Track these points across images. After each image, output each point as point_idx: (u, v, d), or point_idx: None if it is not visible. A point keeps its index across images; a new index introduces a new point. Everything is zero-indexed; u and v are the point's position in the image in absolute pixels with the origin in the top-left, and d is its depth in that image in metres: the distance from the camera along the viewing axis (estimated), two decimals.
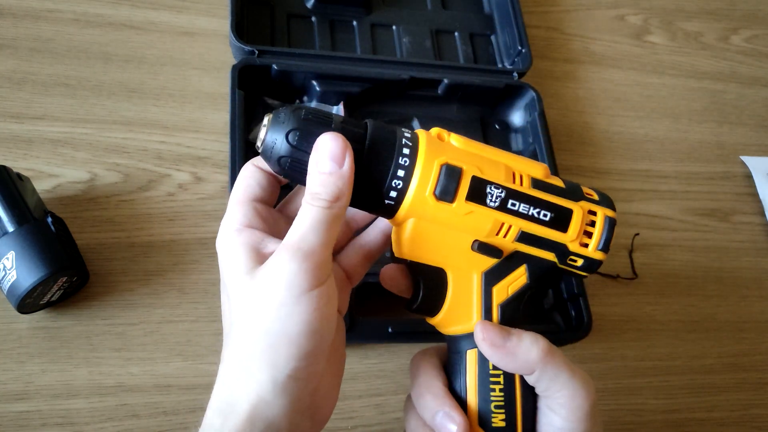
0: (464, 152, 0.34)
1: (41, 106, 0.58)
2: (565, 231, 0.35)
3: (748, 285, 0.68)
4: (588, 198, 0.36)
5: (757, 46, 0.86)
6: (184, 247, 0.55)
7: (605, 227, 0.36)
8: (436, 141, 0.34)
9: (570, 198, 0.35)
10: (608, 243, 0.36)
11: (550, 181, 0.36)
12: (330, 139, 0.31)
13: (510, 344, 0.34)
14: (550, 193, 0.35)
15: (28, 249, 0.47)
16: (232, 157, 0.56)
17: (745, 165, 0.76)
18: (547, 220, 0.35)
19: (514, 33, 0.71)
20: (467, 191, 0.33)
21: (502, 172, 0.34)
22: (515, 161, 0.35)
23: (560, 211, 0.35)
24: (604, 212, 0.36)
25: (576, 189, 0.36)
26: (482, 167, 0.34)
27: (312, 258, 0.30)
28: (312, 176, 0.31)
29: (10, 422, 0.46)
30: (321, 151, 0.31)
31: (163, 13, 0.66)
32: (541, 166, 0.36)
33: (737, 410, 0.61)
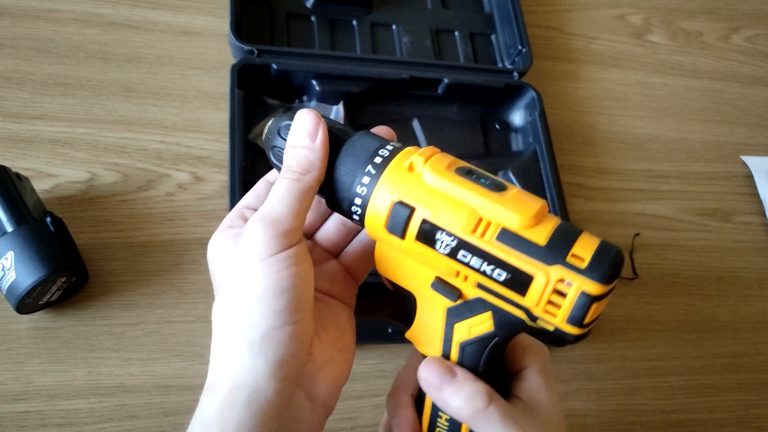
0: (429, 189, 0.31)
1: (40, 105, 0.58)
2: (523, 295, 0.30)
3: (749, 285, 0.68)
4: (569, 263, 0.29)
5: (758, 45, 0.86)
6: (183, 247, 0.55)
7: (578, 303, 0.29)
8: (402, 172, 0.32)
9: (541, 260, 0.30)
10: (581, 319, 0.30)
11: (529, 233, 0.30)
12: (304, 114, 0.33)
13: (445, 392, 0.33)
14: (515, 250, 0.30)
15: (27, 249, 0.47)
16: (232, 157, 0.56)
17: (746, 165, 0.75)
18: (501, 280, 0.30)
19: (514, 32, 0.70)
20: (416, 232, 0.31)
21: (464, 217, 0.30)
22: (493, 205, 0.30)
23: (518, 274, 0.30)
24: (582, 285, 0.29)
25: (559, 248, 0.30)
26: (440, 210, 0.31)
27: (277, 225, 0.30)
28: (287, 151, 0.33)
29: (9, 422, 0.46)
30: (296, 126, 0.33)
31: (163, 12, 0.66)
32: (527, 213, 0.30)
33: (737, 411, 0.61)
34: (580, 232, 0.31)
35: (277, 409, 0.30)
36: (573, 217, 0.65)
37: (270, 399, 0.29)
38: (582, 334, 0.31)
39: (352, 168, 0.33)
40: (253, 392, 0.29)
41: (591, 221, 0.67)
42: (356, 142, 0.33)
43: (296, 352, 0.31)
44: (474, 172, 0.32)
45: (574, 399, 0.58)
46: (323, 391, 0.33)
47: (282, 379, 0.30)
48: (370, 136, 0.34)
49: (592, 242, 0.31)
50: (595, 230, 0.68)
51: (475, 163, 0.34)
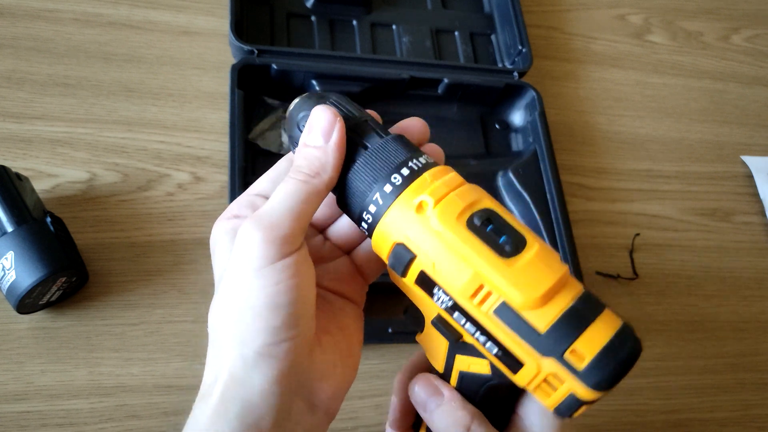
0: (433, 236, 0.28)
1: (40, 105, 0.58)
2: (514, 373, 0.28)
3: (749, 285, 0.68)
4: (566, 361, 0.27)
5: (758, 45, 0.86)
6: (183, 247, 0.55)
7: (565, 401, 0.27)
8: (409, 210, 0.29)
9: (537, 348, 0.27)
10: (568, 415, 0.28)
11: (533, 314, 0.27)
12: (319, 112, 0.30)
13: (429, 412, 0.33)
14: (511, 330, 0.27)
15: (27, 249, 0.47)
16: (232, 157, 0.56)
17: (746, 165, 0.75)
18: (493, 353, 0.28)
19: (514, 32, 0.70)
20: (416, 278, 0.29)
21: (465, 280, 0.28)
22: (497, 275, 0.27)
23: (508, 354, 0.28)
24: (572, 387, 0.27)
25: (560, 339, 0.27)
26: (441, 264, 0.28)
27: (275, 230, 0.28)
28: (298, 149, 0.31)
29: (10, 423, 0.46)
30: (310, 123, 0.30)
31: (163, 12, 0.66)
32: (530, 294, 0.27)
33: (738, 410, 0.61)
34: (592, 319, 0.27)
35: (274, 421, 0.28)
36: (573, 217, 0.64)
37: (265, 414, 0.28)
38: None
39: (370, 179, 0.30)
40: (246, 406, 0.28)
41: (591, 221, 0.67)
42: (383, 149, 0.30)
43: (294, 365, 0.29)
44: (493, 221, 0.28)
45: None
46: (325, 398, 0.31)
47: (278, 394, 0.28)
48: (398, 145, 0.30)
49: (603, 334, 0.27)
50: (595, 230, 0.69)
51: (475, 163, 0.32)
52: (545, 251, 0.28)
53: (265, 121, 0.61)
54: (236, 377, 0.28)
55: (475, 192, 0.30)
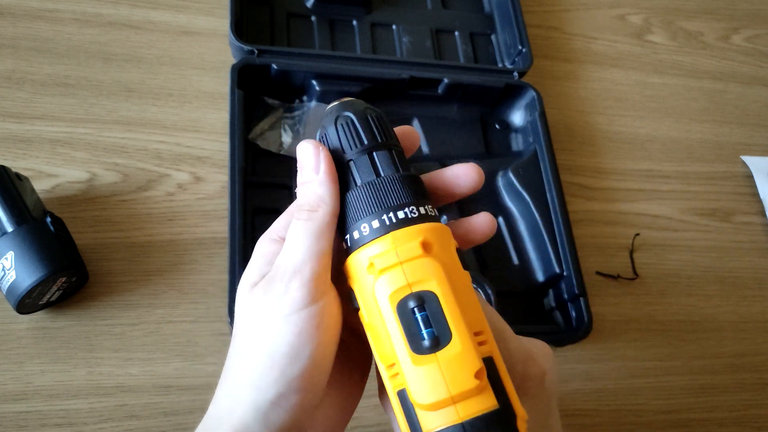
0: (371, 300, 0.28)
1: (40, 105, 0.58)
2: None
3: (749, 285, 0.68)
4: None
5: (758, 45, 0.86)
6: (183, 247, 0.55)
7: None
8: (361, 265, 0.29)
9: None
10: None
11: (424, 414, 0.27)
12: (302, 147, 0.30)
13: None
14: (404, 418, 0.28)
15: (27, 249, 0.47)
16: (232, 157, 0.56)
17: (746, 165, 0.75)
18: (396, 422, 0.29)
19: (514, 32, 0.70)
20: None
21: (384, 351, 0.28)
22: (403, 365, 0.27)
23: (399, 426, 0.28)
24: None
25: None
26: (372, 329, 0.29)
27: (299, 276, 0.28)
28: (297, 190, 0.31)
29: (9, 423, 0.46)
30: (299, 161, 0.31)
31: (163, 12, 0.66)
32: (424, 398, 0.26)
33: (738, 411, 0.61)
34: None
35: None
36: (573, 217, 0.64)
37: None
38: None
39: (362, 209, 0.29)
40: None
41: (591, 221, 0.67)
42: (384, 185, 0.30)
43: (302, 419, 0.29)
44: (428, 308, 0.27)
45: (574, 399, 0.58)
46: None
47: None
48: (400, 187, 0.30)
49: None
50: (595, 230, 0.69)
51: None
52: (464, 357, 0.26)
53: (265, 121, 0.61)
54: (246, 424, 0.28)
55: (428, 269, 0.28)
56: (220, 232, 0.56)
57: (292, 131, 0.62)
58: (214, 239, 0.56)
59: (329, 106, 0.32)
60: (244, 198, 0.55)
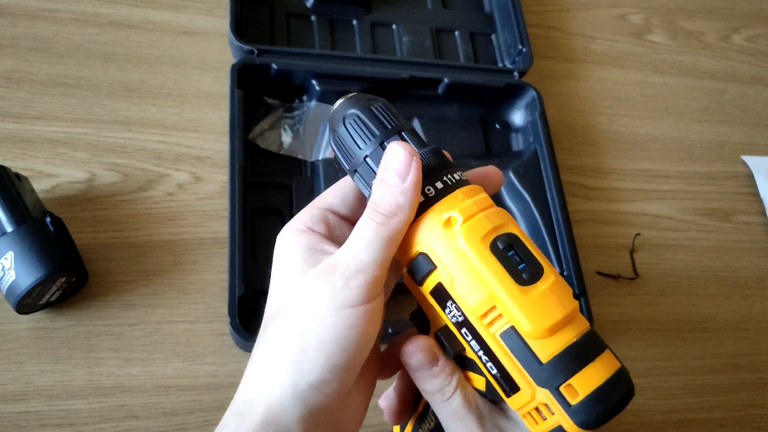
0: (455, 252, 0.29)
1: (40, 105, 0.58)
2: (508, 396, 0.30)
3: (750, 285, 0.68)
4: (560, 394, 0.28)
5: (758, 45, 0.86)
6: (183, 247, 0.55)
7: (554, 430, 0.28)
8: (437, 223, 0.30)
9: (534, 377, 0.28)
10: None
11: (538, 343, 0.28)
12: (396, 149, 0.30)
13: (419, 375, 0.32)
14: (513, 356, 0.28)
15: (26, 249, 0.47)
16: (232, 157, 0.56)
17: (747, 164, 0.75)
18: (492, 373, 0.30)
19: (514, 32, 0.70)
20: (431, 289, 0.30)
21: (479, 300, 0.28)
22: (510, 300, 0.28)
23: (505, 376, 0.29)
24: (561, 420, 0.28)
25: (559, 372, 0.28)
26: (459, 281, 0.29)
27: (360, 276, 0.29)
28: (376, 185, 0.30)
29: (9, 423, 0.46)
30: (387, 160, 0.30)
31: (163, 12, 0.66)
32: (539, 325, 0.28)
33: (738, 411, 0.61)
34: (592, 358, 0.28)
35: None
36: (573, 216, 0.64)
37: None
38: None
39: None
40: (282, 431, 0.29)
41: (591, 221, 0.67)
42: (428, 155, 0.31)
43: (334, 404, 0.30)
44: (515, 247, 0.29)
45: None
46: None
47: (313, 426, 0.30)
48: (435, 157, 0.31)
49: (600, 374, 0.28)
50: (595, 230, 0.69)
51: (475, 163, 0.33)
52: (559, 284, 0.29)
53: (265, 121, 0.61)
54: (283, 404, 0.29)
55: (502, 216, 0.30)
56: (220, 232, 0.56)
57: (292, 131, 0.62)
58: (214, 239, 0.56)
59: (334, 105, 0.33)
60: (243, 198, 0.54)
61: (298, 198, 0.58)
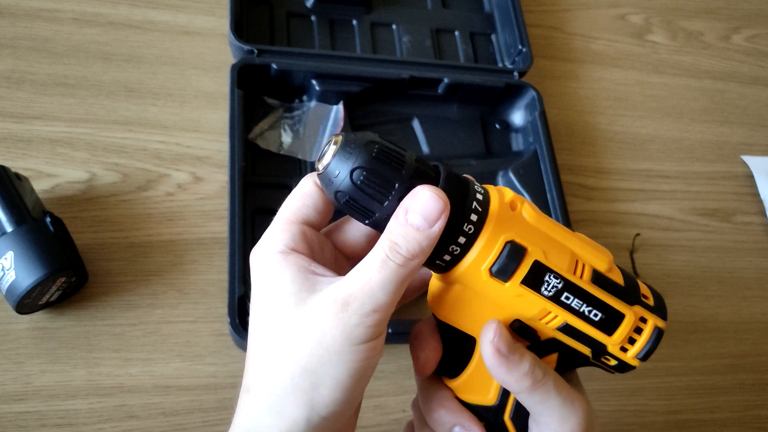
0: (533, 229, 0.31)
1: (40, 105, 0.58)
2: (610, 334, 0.32)
3: (750, 285, 0.68)
4: (643, 302, 0.33)
5: (759, 45, 0.86)
6: (183, 248, 0.55)
7: (652, 338, 0.33)
8: (507, 211, 0.31)
9: (626, 300, 0.32)
10: (650, 354, 0.33)
11: (611, 275, 0.32)
12: (432, 197, 0.29)
13: (511, 359, 0.32)
14: (607, 292, 0.32)
15: (26, 249, 0.47)
16: (232, 157, 0.56)
17: (747, 165, 0.75)
18: (596, 320, 0.32)
19: (514, 32, 0.70)
20: (525, 275, 0.31)
21: (567, 259, 0.31)
22: (582, 248, 0.32)
23: (613, 314, 0.32)
24: (655, 322, 0.33)
25: (633, 289, 0.33)
26: (548, 251, 0.31)
27: (376, 315, 0.29)
28: (398, 223, 0.29)
29: (8, 423, 0.46)
30: (417, 203, 0.29)
31: (163, 12, 0.66)
32: (606, 257, 0.33)
33: (738, 411, 0.61)
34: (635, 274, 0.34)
35: None
36: (573, 217, 0.64)
37: None
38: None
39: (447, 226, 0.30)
40: None
41: (591, 221, 0.67)
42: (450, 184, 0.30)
43: (342, 427, 0.32)
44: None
45: None
46: None
47: None
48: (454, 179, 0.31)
49: (643, 284, 0.34)
50: (596, 230, 0.69)
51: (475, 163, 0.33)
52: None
53: (265, 121, 0.61)
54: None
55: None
56: (220, 232, 0.56)
57: (291, 131, 0.62)
58: (214, 239, 0.56)
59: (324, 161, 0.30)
60: (243, 198, 0.54)
61: None
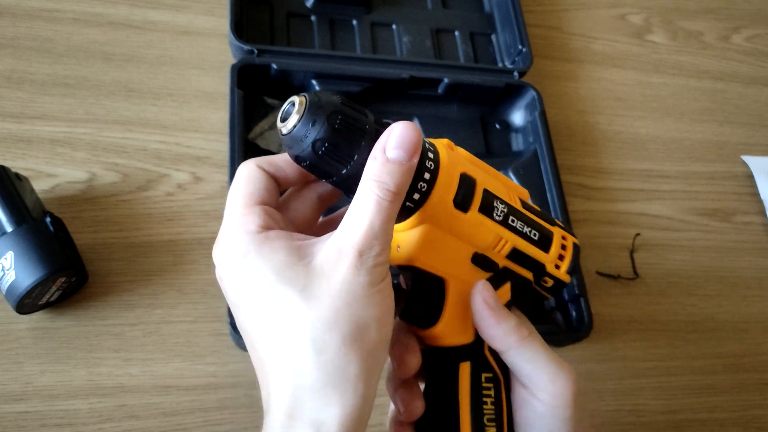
0: (472, 164, 0.35)
1: (40, 105, 0.58)
2: (547, 251, 0.37)
3: (750, 285, 0.68)
4: (559, 225, 0.38)
5: (758, 45, 0.86)
6: (183, 247, 0.55)
7: (573, 252, 0.38)
8: (450, 149, 0.34)
9: (548, 222, 0.37)
10: (574, 267, 0.38)
11: (532, 203, 0.38)
12: (407, 128, 0.30)
13: (499, 312, 0.35)
14: (534, 215, 0.37)
15: (26, 249, 0.47)
16: (232, 157, 0.56)
17: (747, 165, 0.75)
18: (536, 240, 0.36)
19: (514, 32, 0.70)
20: (479, 203, 0.34)
21: (502, 188, 0.35)
22: (507, 181, 0.37)
23: (544, 233, 0.37)
24: (571, 239, 0.38)
25: (548, 215, 0.38)
26: (488, 181, 0.35)
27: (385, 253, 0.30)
28: (378, 163, 0.29)
29: (9, 423, 0.46)
30: (394, 138, 0.30)
31: (163, 12, 0.66)
32: (524, 190, 0.37)
33: (738, 411, 0.61)
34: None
35: None
36: (573, 216, 0.64)
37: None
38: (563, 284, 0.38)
39: None
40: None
41: (591, 221, 0.67)
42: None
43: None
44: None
45: None
46: None
47: None
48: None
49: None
50: (596, 230, 0.69)
51: None
52: None
53: (264, 121, 0.61)
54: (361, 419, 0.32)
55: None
56: None
57: None
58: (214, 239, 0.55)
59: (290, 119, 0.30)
60: None
61: None
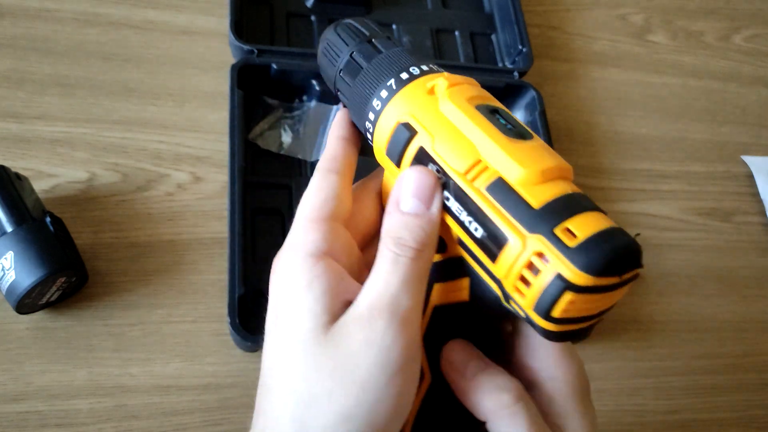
0: (438, 116, 0.28)
1: (40, 105, 0.58)
2: (493, 261, 0.25)
3: (749, 285, 0.68)
4: (556, 237, 0.24)
5: (759, 45, 0.86)
6: (183, 247, 0.55)
7: (549, 286, 0.23)
8: (420, 93, 0.29)
9: (524, 224, 0.24)
10: (551, 308, 0.24)
11: (529, 190, 0.25)
12: (418, 173, 0.26)
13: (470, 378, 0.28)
14: (500, 206, 0.25)
15: (26, 249, 0.47)
16: (232, 157, 0.56)
17: (746, 165, 0.75)
18: (477, 236, 0.26)
19: (514, 32, 0.70)
20: (411, 161, 0.28)
21: (462, 155, 0.27)
22: (498, 150, 0.26)
23: (493, 232, 0.25)
24: (559, 266, 0.23)
25: (553, 216, 0.24)
26: (440, 140, 0.27)
27: (410, 327, 0.25)
28: (393, 217, 0.27)
29: (9, 423, 0.46)
30: (406, 187, 0.26)
31: (163, 12, 0.66)
32: (531, 168, 0.25)
33: (738, 411, 0.61)
34: (592, 208, 0.25)
35: None
36: None
37: None
38: (559, 333, 0.25)
39: (376, 79, 0.30)
40: None
41: None
42: (394, 54, 0.31)
43: None
44: (500, 113, 0.28)
45: None
46: None
47: None
48: (411, 53, 0.31)
49: (600, 223, 0.24)
50: None
51: None
52: (550, 149, 0.28)
53: (265, 121, 0.61)
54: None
55: (486, 93, 0.30)
56: (220, 232, 0.56)
57: (291, 131, 0.62)
58: (214, 239, 0.56)
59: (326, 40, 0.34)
60: (243, 198, 0.54)
61: (297, 198, 0.58)
